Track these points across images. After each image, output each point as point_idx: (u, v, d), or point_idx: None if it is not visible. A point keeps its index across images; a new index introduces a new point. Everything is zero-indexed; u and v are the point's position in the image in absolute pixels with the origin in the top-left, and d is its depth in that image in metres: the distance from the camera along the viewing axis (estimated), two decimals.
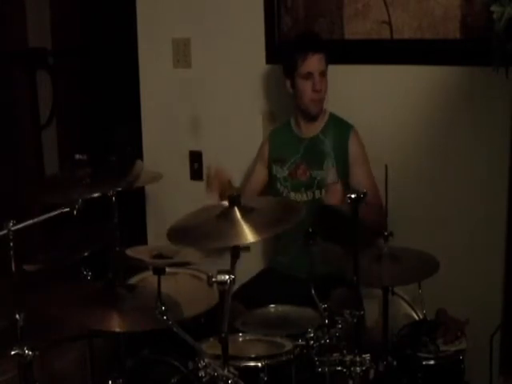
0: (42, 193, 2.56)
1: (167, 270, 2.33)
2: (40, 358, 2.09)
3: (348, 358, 2.25)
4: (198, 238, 2.03)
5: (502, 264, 2.98)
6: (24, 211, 2.34)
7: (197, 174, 3.61)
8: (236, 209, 1.99)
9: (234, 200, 2.01)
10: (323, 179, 3.02)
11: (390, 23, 3.08)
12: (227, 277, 1.88)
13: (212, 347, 2.23)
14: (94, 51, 4.51)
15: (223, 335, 1.96)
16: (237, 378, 1.99)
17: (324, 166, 3.03)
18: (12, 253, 2.08)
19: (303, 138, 3.11)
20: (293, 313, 2.60)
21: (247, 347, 2.36)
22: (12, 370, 2.28)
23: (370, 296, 2.63)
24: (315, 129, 3.09)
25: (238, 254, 1.97)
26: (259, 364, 2.22)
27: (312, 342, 2.29)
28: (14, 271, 2.09)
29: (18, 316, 2.08)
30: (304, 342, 2.29)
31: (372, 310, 2.64)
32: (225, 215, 2.00)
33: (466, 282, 3.05)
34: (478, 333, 2.68)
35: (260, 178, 3.22)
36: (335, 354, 2.27)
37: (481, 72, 2.86)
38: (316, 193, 3.04)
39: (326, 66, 3.00)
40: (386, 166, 2.41)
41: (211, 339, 2.34)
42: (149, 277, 2.57)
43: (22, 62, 4.31)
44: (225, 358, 1.98)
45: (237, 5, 3.39)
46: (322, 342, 2.30)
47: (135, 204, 3.69)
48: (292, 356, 2.26)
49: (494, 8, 2.54)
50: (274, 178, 3.16)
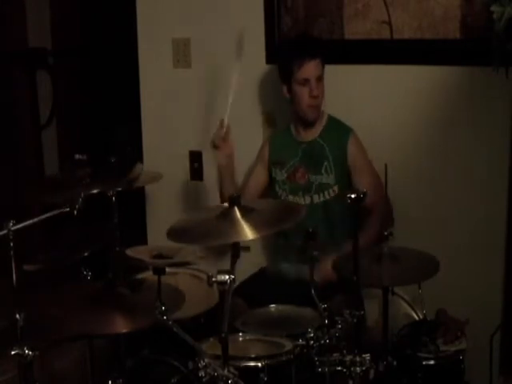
0: (42, 193, 2.56)
1: (167, 269, 2.33)
2: (40, 358, 2.09)
3: (348, 358, 2.25)
4: (197, 237, 2.04)
5: (502, 264, 2.98)
6: (24, 211, 2.33)
7: (197, 174, 3.61)
8: (236, 209, 2.00)
9: (234, 200, 2.01)
10: (321, 183, 3.02)
11: (389, 23, 3.08)
12: (227, 277, 1.88)
13: (212, 347, 2.23)
14: (94, 51, 4.51)
15: (223, 335, 1.96)
16: (237, 377, 1.99)
17: (322, 170, 3.03)
18: (12, 253, 2.08)
19: (302, 141, 3.10)
20: (293, 313, 2.60)
21: (247, 347, 2.36)
22: (12, 370, 2.28)
23: (370, 296, 2.63)
24: (314, 132, 3.08)
25: (238, 254, 1.97)
26: (259, 364, 2.22)
27: (312, 342, 2.29)
28: (14, 271, 2.09)
29: (18, 316, 2.07)
30: (304, 342, 2.29)
31: (372, 309, 2.64)
32: (225, 215, 2.00)
33: (466, 281, 3.04)
34: (478, 333, 2.68)
35: (260, 180, 3.21)
36: (335, 354, 2.27)
37: (481, 72, 2.86)
38: (314, 197, 3.04)
39: (323, 70, 2.99)
40: (385, 165, 2.41)
41: (211, 339, 2.34)
42: (149, 277, 2.57)
43: (22, 62, 4.31)
44: (225, 358, 1.98)
45: (237, 5, 3.39)
46: (322, 342, 2.30)
47: (135, 204, 3.69)
48: (292, 356, 2.26)
49: (494, 8, 2.54)
50: (273, 180, 3.16)
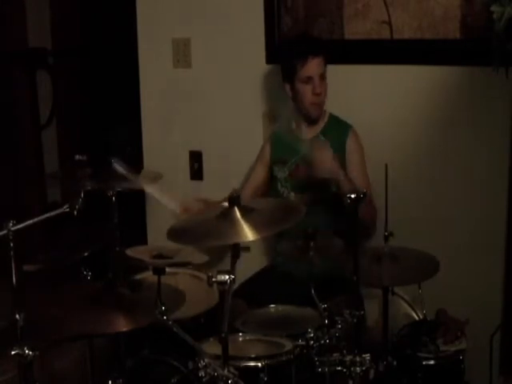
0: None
1: (167, 269, 2.33)
2: (40, 358, 2.09)
3: (348, 358, 2.25)
4: (197, 237, 2.03)
5: (502, 264, 2.98)
6: (24, 211, 2.33)
7: (197, 174, 3.61)
8: (236, 209, 1.99)
9: (234, 200, 2.01)
10: (323, 180, 3.02)
11: (390, 23, 3.08)
12: (227, 277, 1.88)
13: (212, 347, 2.23)
14: (94, 51, 4.52)
15: (223, 335, 1.96)
16: (237, 377, 1.99)
17: None
18: (12, 253, 2.08)
19: (303, 138, 3.11)
20: (293, 313, 2.60)
21: (247, 347, 2.36)
22: (12, 370, 2.28)
23: (370, 296, 2.63)
24: (315, 130, 3.09)
25: (238, 254, 1.96)
26: (259, 364, 2.22)
27: (312, 342, 2.29)
28: (14, 271, 2.08)
29: (17, 316, 2.07)
30: (304, 342, 2.29)
31: (372, 310, 2.64)
32: (224, 215, 2.00)
33: (466, 281, 3.04)
34: (478, 333, 2.68)
35: (260, 179, 3.22)
36: (335, 354, 2.27)
37: (481, 72, 2.86)
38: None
39: (325, 68, 3.00)
40: (386, 165, 2.41)
41: (211, 339, 2.34)
42: (149, 277, 2.57)
43: (22, 62, 4.31)
44: (225, 358, 1.98)
45: (237, 5, 3.39)
46: (322, 342, 2.30)
47: (135, 204, 3.69)
48: (292, 356, 2.26)
49: (494, 8, 2.54)
50: (274, 179, 3.16)
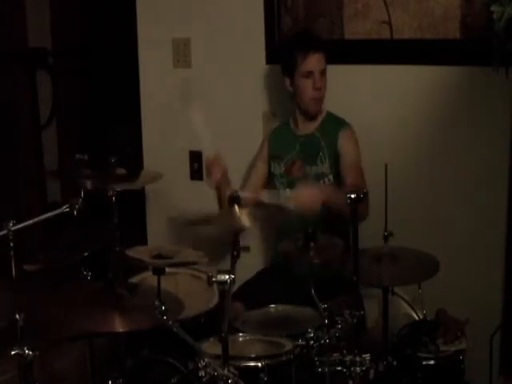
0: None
1: (167, 270, 2.33)
2: (40, 358, 2.08)
3: (348, 358, 2.25)
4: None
5: (502, 264, 2.98)
6: (24, 211, 2.33)
7: (197, 173, 3.61)
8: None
9: (234, 200, 2.01)
10: (317, 173, 3.04)
11: (390, 23, 3.08)
12: (227, 277, 1.89)
13: (212, 347, 2.23)
14: (94, 51, 4.51)
15: (223, 335, 1.96)
16: (237, 377, 1.99)
17: (317, 161, 3.04)
18: (12, 253, 2.08)
19: (300, 135, 3.12)
20: (293, 313, 2.60)
21: (247, 347, 2.36)
22: (12, 370, 2.27)
23: (370, 296, 2.63)
24: (312, 126, 3.10)
25: (238, 254, 1.97)
26: (259, 364, 2.22)
27: (312, 342, 2.29)
28: (14, 271, 2.08)
29: (17, 316, 2.07)
30: (304, 342, 2.29)
31: (372, 310, 2.64)
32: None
33: (466, 281, 3.04)
34: (478, 333, 2.68)
35: (261, 175, 3.23)
36: (335, 354, 2.27)
37: (481, 72, 2.86)
38: None
39: (326, 64, 3.01)
40: (386, 165, 2.41)
41: (211, 339, 2.34)
42: (149, 277, 2.57)
43: (22, 62, 4.31)
44: (225, 358, 1.98)
45: (237, 5, 3.39)
46: (322, 342, 2.30)
47: (135, 204, 3.69)
48: (292, 356, 2.26)
49: (494, 8, 2.54)
50: (272, 175, 3.18)
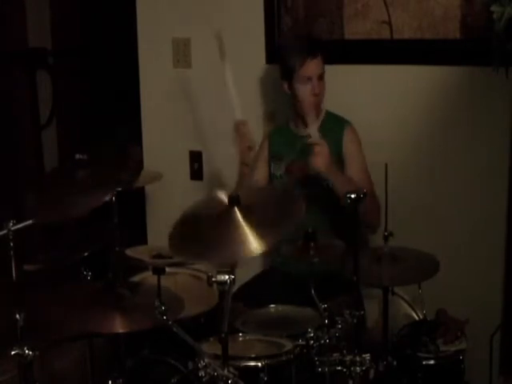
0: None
1: (167, 269, 2.33)
2: (40, 358, 2.09)
3: (348, 358, 2.25)
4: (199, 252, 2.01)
5: (502, 264, 2.98)
6: (24, 211, 2.33)
7: (197, 173, 3.61)
8: (236, 209, 1.98)
9: (234, 200, 2.01)
10: (319, 174, 3.02)
11: (390, 23, 3.08)
12: (227, 277, 1.88)
13: (212, 347, 2.23)
14: (94, 51, 4.51)
15: (223, 335, 1.96)
16: (237, 378, 1.99)
17: None
18: (12, 253, 2.08)
19: (301, 135, 3.11)
20: (293, 313, 2.60)
21: (247, 347, 2.36)
22: (12, 370, 2.27)
23: (370, 296, 2.63)
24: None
25: None
26: (259, 364, 2.22)
27: (312, 342, 2.29)
28: (14, 271, 2.08)
29: (18, 316, 2.07)
30: (304, 342, 2.29)
31: (372, 309, 2.64)
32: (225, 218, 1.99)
33: (466, 281, 3.04)
34: (477, 333, 2.68)
35: (263, 175, 3.20)
36: (335, 354, 2.27)
37: (481, 72, 2.86)
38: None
39: (324, 67, 2.99)
40: (386, 165, 2.41)
41: (211, 339, 2.34)
42: (149, 277, 2.57)
43: (22, 61, 4.30)
44: (225, 358, 1.98)
45: (237, 5, 3.39)
46: (322, 342, 2.30)
47: (135, 204, 3.69)
48: (292, 356, 2.26)
49: (494, 8, 2.55)
50: (272, 175, 3.16)
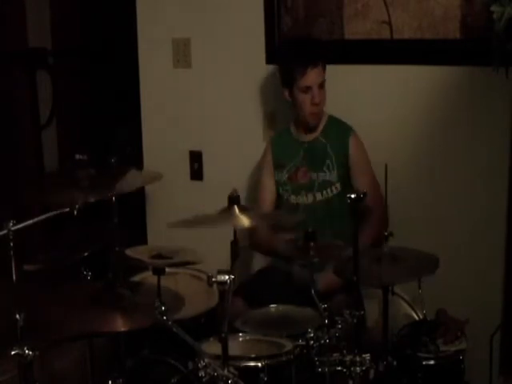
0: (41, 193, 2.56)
1: (167, 270, 2.33)
2: (40, 358, 2.08)
3: (348, 358, 2.25)
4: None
5: (502, 264, 2.98)
6: (24, 211, 2.33)
7: (197, 174, 3.61)
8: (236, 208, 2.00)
9: (234, 200, 2.01)
10: (324, 181, 3.03)
11: (390, 23, 3.08)
12: (227, 277, 1.89)
13: (212, 347, 2.23)
14: (94, 51, 4.51)
15: (223, 335, 1.96)
16: (237, 378, 1.99)
17: (324, 168, 3.03)
18: (12, 253, 2.08)
19: (303, 141, 3.10)
20: (293, 313, 2.60)
21: (247, 347, 2.36)
22: (12, 370, 2.27)
23: (370, 296, 2.63)
24: (315, 132, 3.08)
25: (238, 254, 1.97)
26: (259, 364, 2.22)
27: (312, 342, 2.29)
28: (14, 271, 2.08)
29: (18, 316, 2.07)
30: (304, 342, 2.29)
31: (372, 310, 2.64)
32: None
33: (466, 282, 3.04)
34: (477, 333, 2.67)
35: (272, 190, 3.13)
36: (335, 354, 2.27)
37: (481, 72, 2.86)
38: (317, 195, 3.04)
39: (324, 75, 2.99)
40: (386, 165, 2.41)
41: (211, 339, 2.34)
42: (149, 277, 2.57)
43: (22, 62, 4.30)
44: (225, 358, 1.98)
45: (237, 5, 3.39)
46: (322, 342, 2.30)
47: (135, 204, 3.69)
48: (292, 356, 2.26)
49: (494, 8, 2.54)
50: (276, 183, 3.14)
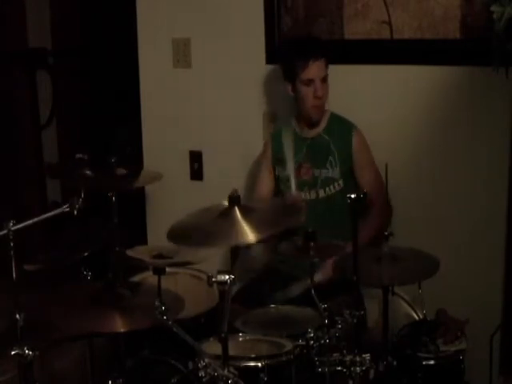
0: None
1: (167, 269, 2.33)
2: (40, 358, 2.09)
3: (348, 358, 2.25)
4: (198, 239, 2.03)
5: (502, 264, 2.98)
6: (24, 211, 2.33)
7: (197, 174, 3.61)
8: (236, 209, 1.99)
9: (234, 200, 2.01)
10: (327, 177, 3.03)
11: (390, 23, 3.08)
12: (227, 277, 1.88)
13: (212, 347, 2.23)
14: (94, 51, 4.51)
15: (223, 335, 1.96)
16: (237, 377, 1.99)
17: (327, 165, 3.03)
18: (12, 253, 2.08)
19: (306, 137, 3.10)
20: (293, 313, 2.60)
21: (247, 347, 2.36)
22: (12, 370, 2.27)
23: (370, 296, 2.63)
24: (318, 129, 3.09)
25: (238, 254, 1.97)
26: (259, 364, 2.22)
27: (312, 342, 2.29)
28: (14, 271, 2.08)
29: (18, 316, 2.07)
30: (304, 342, 2.29)
31: (372, 309, 2.64)
32: (225, 215, 1.99)
33: (466, 281, 3.04)
34: (477, 333, 2.67)
35: (268, 182, 3.17)
36: (335, 354, 2.27)
37: (481, 72, 2.86)
38: (320, 191, 3.05)
39: (327, 69, 2.99)
40: (386, 165, 2.41)
41: (211, 339, 2.34)
42: (149, 277, 2.57)
43: (22, 62, 4.31)
44: (225, 358, 1.98)
45: (237, 5, 3.39)
46: (322, 342, 2.30)
47: (135, 204, 3.69)
48: (292, 356, 2.26)
49: (494, 8, 2.54)
50: (277, 178, 3.15)
